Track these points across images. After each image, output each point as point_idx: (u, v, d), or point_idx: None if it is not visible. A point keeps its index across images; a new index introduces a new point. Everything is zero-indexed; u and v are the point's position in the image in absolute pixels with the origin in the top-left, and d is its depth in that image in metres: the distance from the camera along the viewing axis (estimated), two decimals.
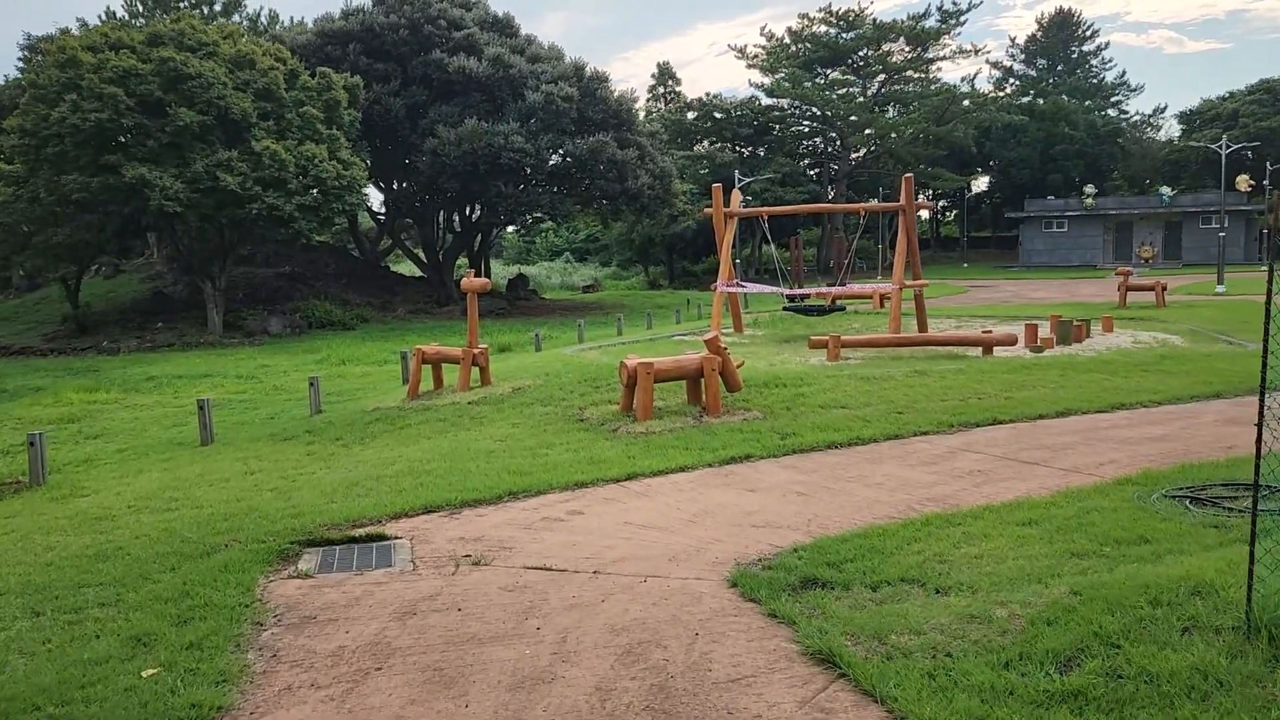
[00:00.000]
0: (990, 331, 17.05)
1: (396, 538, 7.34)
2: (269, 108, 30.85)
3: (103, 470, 12.38)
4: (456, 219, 45.84)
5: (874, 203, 44.67)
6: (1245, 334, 19.30)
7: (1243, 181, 55.39)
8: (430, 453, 10.62)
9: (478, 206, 43.22)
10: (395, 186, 41.50)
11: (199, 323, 33.32)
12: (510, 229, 70.21)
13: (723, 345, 11.89)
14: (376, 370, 22.14)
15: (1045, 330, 18.70)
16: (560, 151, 38.53)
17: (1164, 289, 26.89)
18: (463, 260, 45.41)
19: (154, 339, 31.51)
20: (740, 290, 22.70)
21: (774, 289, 23.22)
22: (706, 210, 22.93)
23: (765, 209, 22.96)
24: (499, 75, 37.66)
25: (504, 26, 41.99)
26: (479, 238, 47.72)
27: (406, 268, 55.57)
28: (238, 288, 37.74)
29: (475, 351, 14.50)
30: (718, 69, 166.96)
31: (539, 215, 45.54)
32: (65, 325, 32.88)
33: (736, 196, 22.96)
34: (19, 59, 48.07)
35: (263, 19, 45.66)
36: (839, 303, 22.96)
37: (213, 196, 29.15)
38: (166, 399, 19.07)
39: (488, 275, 53.91)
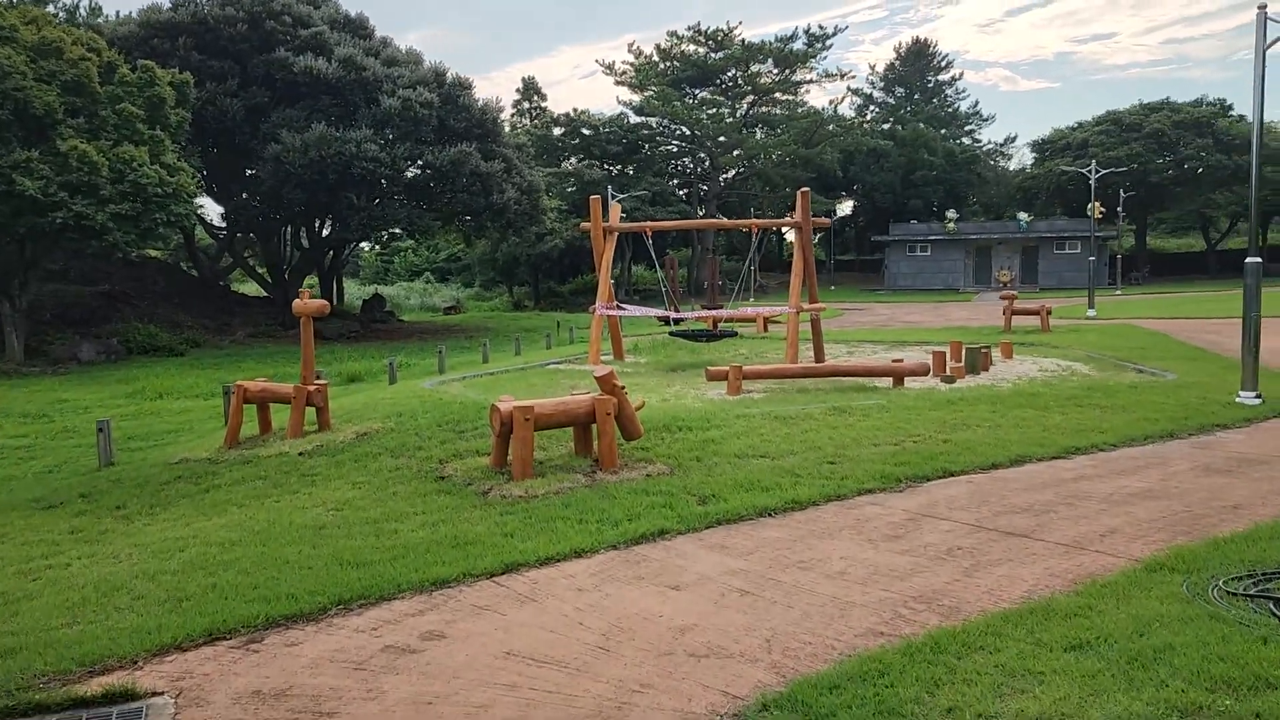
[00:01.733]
0: (901, 361, 15.42)
1: (154, 695, 4.79)
2: (79, 103, 27.02)
3: None
4: (304, 234, 42.24)
5: (767, 219, 43.47)
6: (1149, 360, 18.39)
7: (1095, 208, 57.14)
8: (238, 530, 8.00)
9: (328, 221, 39.83)
10: (235, 198, 37.70)
11: None
12: (367, 246, 66.38)
13: (619, 383, 9.67)
14: (199, 406, 18.96)
15: (946, 357, 17.25)
16: (419, 162, 35.67)
17: (1048, 312, 26.22)
18: (312, 279, 41.86)
19: None
20: (621, 314, 20.59)
21: (657, 312, 21.23)
22: (584, 225, 20.76)
23: (649, 224, 20.94)
24: (351, 78, 34.59)
25: (357, 27, 38.91)
26: (330, 255, 44.21)
27: (252, 288, 51.31)
28: (45, 308, 33.29)
29: (310, 389, 11.84)
30: (583, 92, 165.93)
31: (395, 231, 42.38)
32: None
33: (616, 210, 20.88)
34: None
35: (82, 9, 41.07)
36: (730, 327, 21.09)
37: (8, 203, 25.17)
38: None
39: (339, 295, 50.28)
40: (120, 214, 26.62)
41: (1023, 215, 61.78)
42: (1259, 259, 13.01)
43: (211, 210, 45.92)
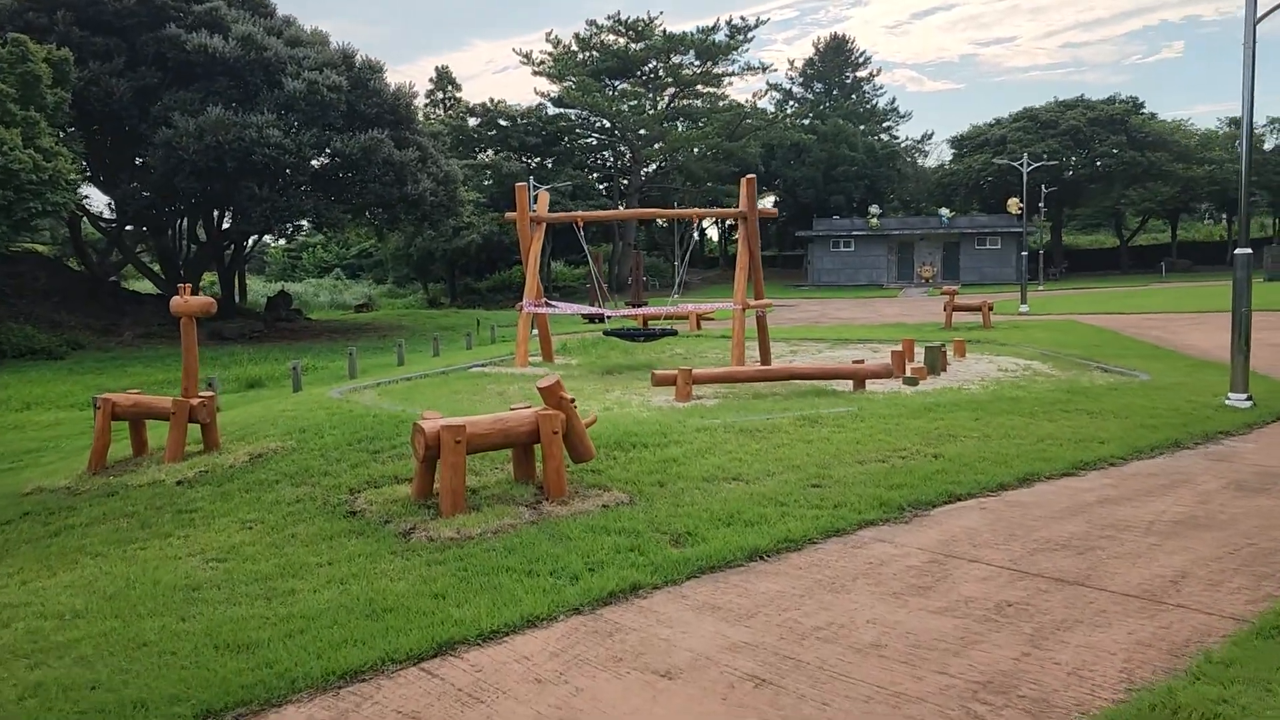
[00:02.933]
0: (862, 362, 14.15)
1: None
2: None
3: None
4: (201, 227, 39.46)
5: (709, 208, 42.08)
6: (1108, 358, 17.55)
7: (1014, 204, 57.41)
8: (87, 592, 6.22)
9: (227, 213, 37.17)
10: (123, 186, 34.81)
11: None
12: (272, 241, 63.28)
13: (566, 395, 8.10)
14: (72, 418, 16.75)
15: (904, 357, 16.08)
16: (327, 150, 33.34)
17: (990, 309, 25.44)
18: (211, 275, 39.12)
19: None
20: (550, 311, 18.97)
21: (590, 309, 19.66)
22: (509, 216, 19.10)
23: (581, 214, 19.35)
24: (251, 58, 32.09)
25: (257, 5, 36.29)
26: (230, 249, 41.45)
27: (147, 285, 48.02)
28: None
29: (194, 402, 9.97)
30: (497, 87, 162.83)
31: (302, 224, 39.88)
32: None
33: (544, 199, 19.24)
34: None
35: None
36: (668, 325, 19.65)
37: None
38: None
39: (242, 293, 47.45)
40: None
41: (944, 211, 61.87)
42: (1249, 250, 12.06)
43: (99, 200, 42.77)
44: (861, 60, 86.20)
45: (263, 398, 17.66)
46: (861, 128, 76.98)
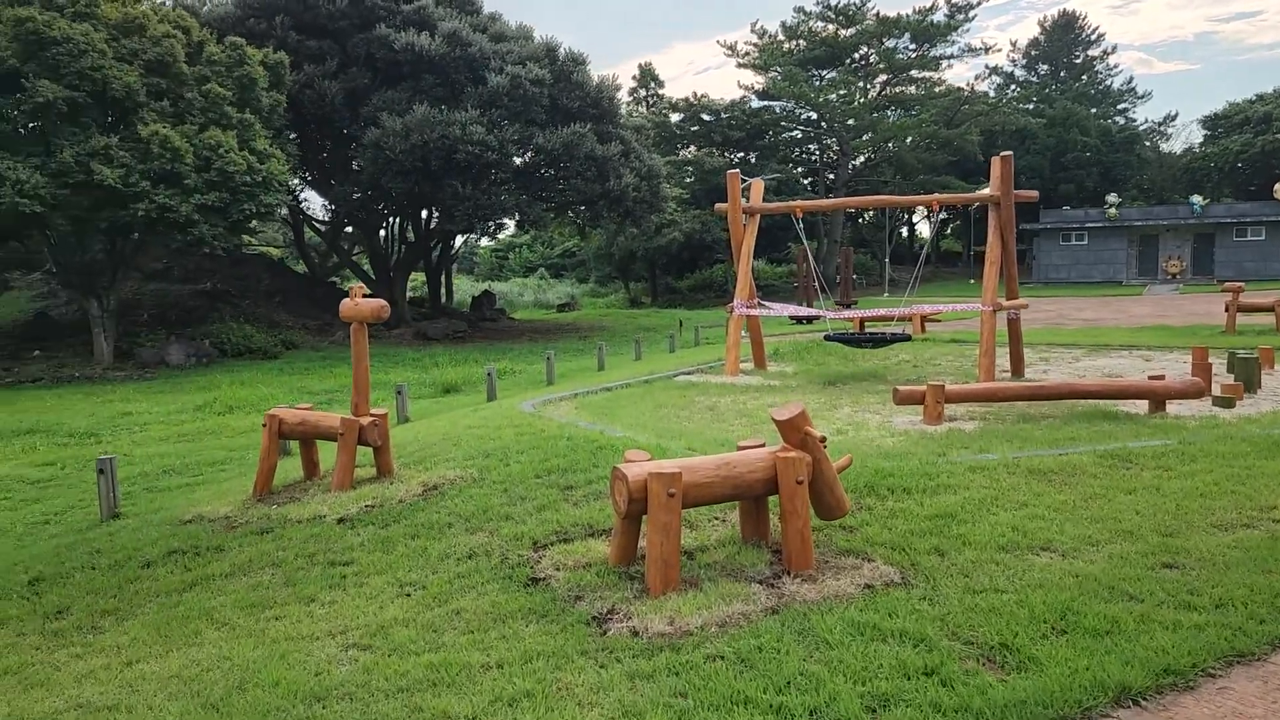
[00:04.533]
0: (1162, 378, 11.29)
1: None
2: (162, 84, 24.81)
3: None
4: (410, 227, 39.84)
5: (953, 193, 38.79)
6: None
7: None
8: (188, 696, 4.72)
9: (433, 212, 37.23)
10: (336, 188, 35.42)
11: (85, 351, 27.16)
12: (478, 240, 64.33)
13: (814, 431, 6.05)
14: None
15: (1190, 370, 12.98)
16: (530, 146, 32.57)
17: None
18: (418, 278, 39.41)
19: (22, 371, 25.31)
20: (765, 313, 16.92)
21: (809, 311, 17.53)
22: (720, 208, 17.17)
23: (800, 203, 17.20)
24: (455, 54, 31.72)
25: (463, 1, 36.07)
26: (437, 248, 41.73)
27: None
28: (143, 307, 31.59)
29: (364, 422, 8.59)
30: (698, 86, 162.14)
31: (504, 223, 39.57)
32: None
33: (758, 187, 17.19)
34: None
35: None
36: (901, 330, 17.18)
37: (88, 194, 23.06)
38: None
39: (448, 292, 47.97)
40: (206, 205, 24.31)
41: (1196, 198, 55.26)
42: None
43: (316, 203, 44.15)
44: (1094, 38, 79.09)
45: (456, 405, 16.52)
46: (1093, 110, 70.43)
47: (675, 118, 61.19)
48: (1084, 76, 77.40)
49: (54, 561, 7.51)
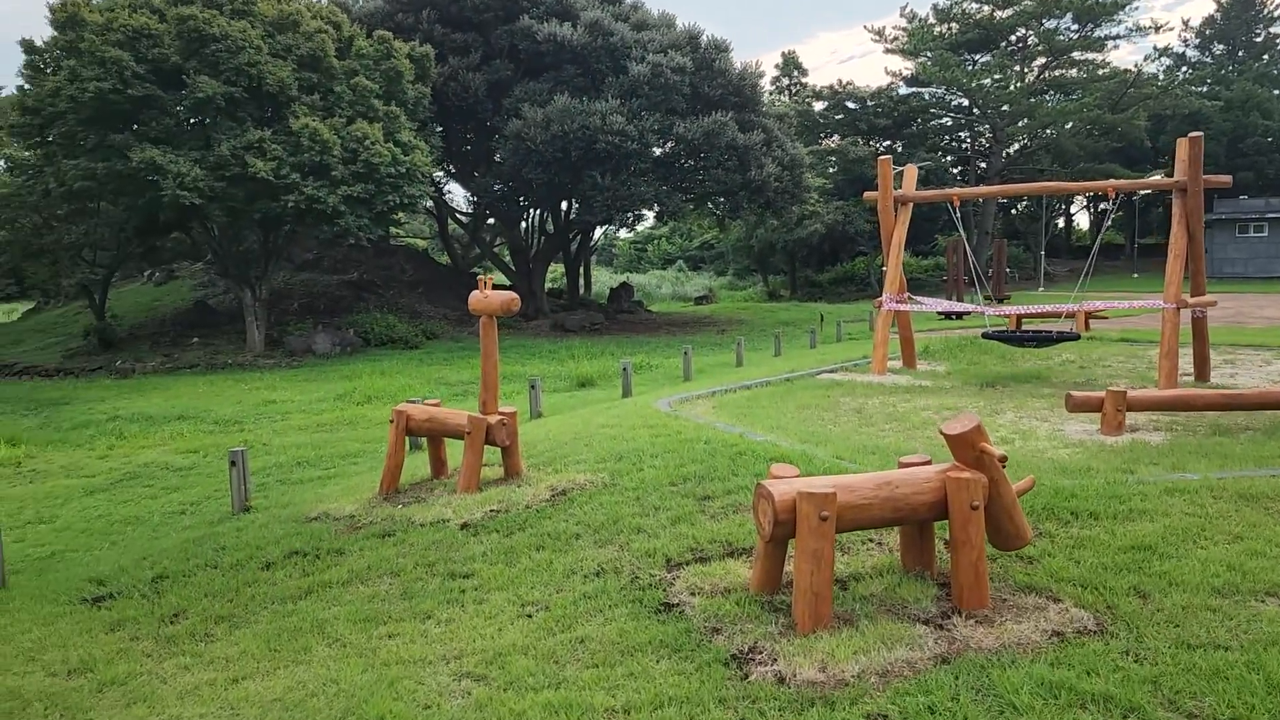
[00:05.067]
0: None
1: None
2: (313, 79, 25.37)
3: None
4: (550, 219, 39.94)
5: (1131, 179, 36.45)
6: None
7: None
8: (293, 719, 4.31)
9: (572, 203, 37.16)
10: (477, 179, 35.76)
11: (239, 339, 28.16)
12: (616, 231, 64.36)
13: (992, 449, 5.23)
14: None
15: None
16: (670, 135, 32.01)
17: None
18: (557, 270, 39.50)
19: (181, 358, 26.41)
20: (916, 308, 15.87)
21: (966, 306, 16.37)
22: (869, 196, 16.19)
23: (958, 190, 16.07)
24: (597, 44, 31.45)
25: None
26: (576, 240, 41.72)
27: (501, 278, 50.10)
28: (293, 297, 32.62)
29: (491, 421, 8.17)
30: (843, 75, 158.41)
31: (643, 214, 39.12)
32: (86, 341, 28.13)
33: (911, 174, 16.11)
34: None
35: None
36: (1069, 328, 15.80)
37: (242, 186, 23.78)
38: (85, 460, 13.37)
39: (587, 284, 48.00)
40: (352, 196, 24.75)
41: None
42: None
43: (459, 195, 44.84)
44: (1276, 14, 73.06)
45: (590, 400, 16.12)
46: (1276, 93, 65.04)
47: (818, 106, 59.61)
48: (1265, 56, 71.65)
49: (180, 558, 7.37)
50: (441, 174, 38.61)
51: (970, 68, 56.63)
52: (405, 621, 5.50)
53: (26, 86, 25.69)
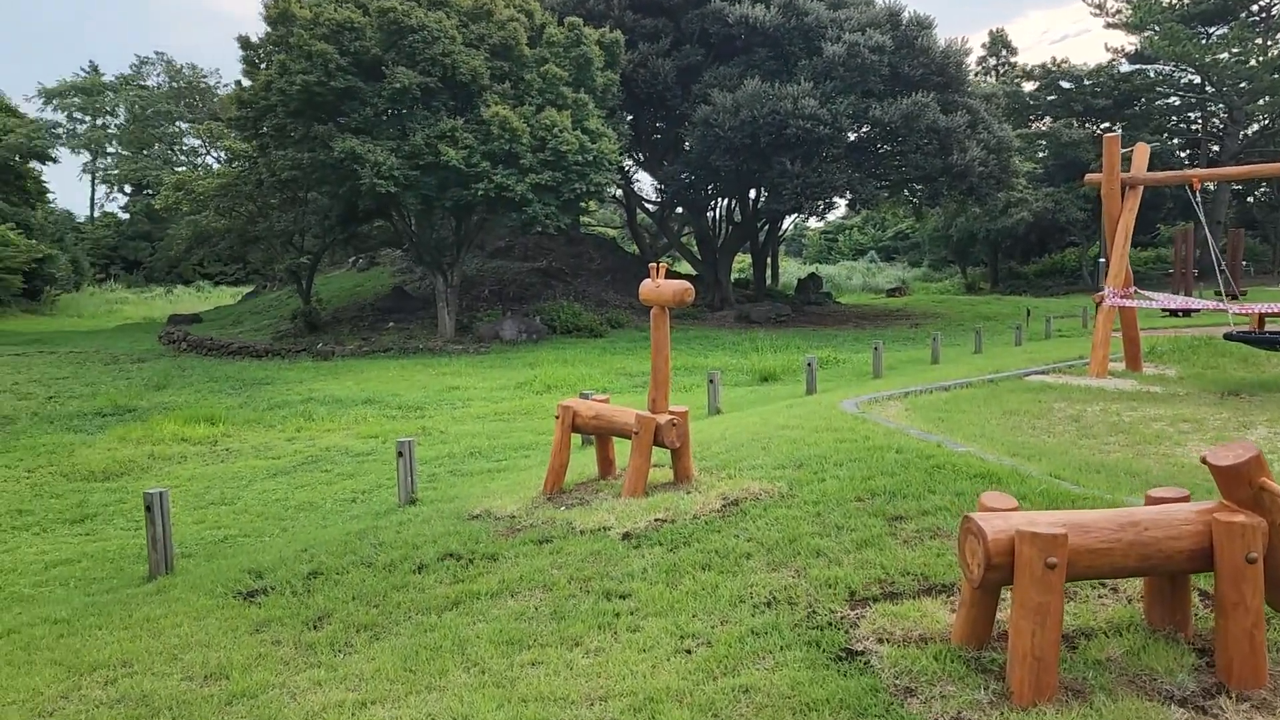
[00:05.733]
0: None
1: None
2: (505, 67, 25.57)
3: None
4: (736, 207, 39.10)
5: None
6: None
7: None
8: None
9: (760, 192, 36.18)
10: (665, 167, 35.41)
11: (432, 324, 28.90)
12: (805, 221, 62.78)
13: (1274, 486, 4.11)
14: None
15: None
16: (865, 119, 30.50)
17: None
18: (744, 260, 38.66)
19: (377, 342, 27.34)
20: (1144, 304, 14.14)
21: (1203, 303, 14.49)
22: (1092, 178, 14.57)
23: (1198, 172, 14.21)
24: (790, 25, 30.33)
25: None
26: (764, 229, 40.72)
27: (686, 268, 49.73)
28: (484, 284, 33.28)
29: (660, 421, 7.53)
30: (1054, 55, 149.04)
31: (833, 202, 37.63)
32: (294, 323, 29.61)
33: (1142, 153, 14.34)
34: None
35: None
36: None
37: (434, 174, 24.25)
38: (275, 441, 13.70)
39: (774, 275, 46.91)
40: (540, 184, 24.81)
41: None
42: None
43: (647, 184, 44.68)
44: None
45: (772, 396, 15.29)
46: None
47: (1028, 87, 55.94)
48: None
49: (337, 552, 7.11)
50: (630, 162, 38.50)
51: (1204, 41, 51.65)
52: (551, 647, 4.92)
53: (245, 82, 27.18)
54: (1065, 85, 53.91)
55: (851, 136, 32.43)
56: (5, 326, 38.62)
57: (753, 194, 37.79)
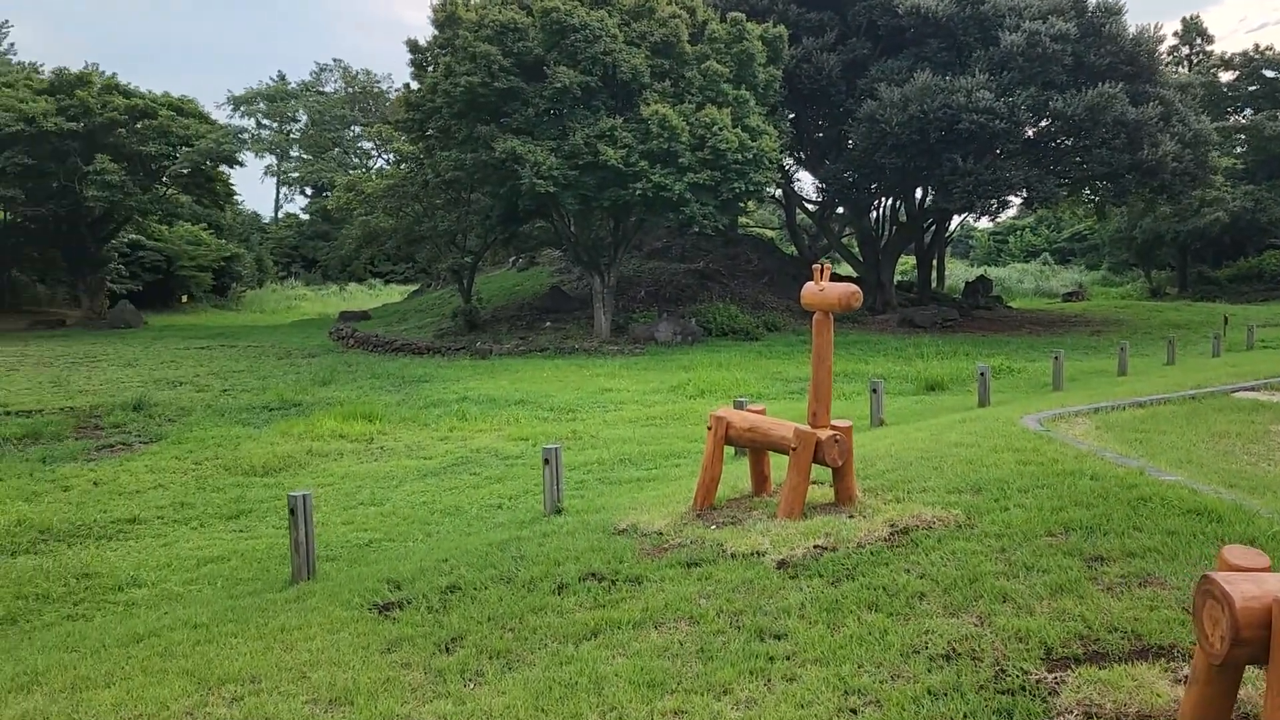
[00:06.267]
0: None
1: None
2: (665, 65, 25.26)
3: None
4: (900, 207, 37.60)
5: None
6: None
7: None
8: None
9: (928, 191, 34.63)
10: (827, 165, 34.34)
11: (588, 324, 28.92)
12: (975, 221, 60.10)
13: None
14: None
15: None
16: (1045, 112, 28.62)
17: None
18: (907, 262, 37.13)
19: (534, 341, 27.54)
20: None
21: None
22: None
23: None
24: (965, 14, 28.82)
25: None
26: (930, 229, 39.02)
27: (846, 269, 48.27)
28: (640, 284, 33.12)
29: (821, 437, 6.90)
30: (1259, 42, 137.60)
31: (1006, 200, 35.61)
32: (455, 322, 30.20)
33: None
34: None
35: None
36: None
37: (593, 174, 24.17)
38: (428, 441, 13.72)
39: (939, 276, 45.00)
40: (698, 183, 24.37)
41: None
42: None
43: (807, 183, 43.61)
44: None
45: (940, 407, 14.32)
46: None
47: (1226, 77, 51.78)
48: None
49: (478, 564, 6.82)
50: (791, 161, 37.60)
51: None
52: (696, 694, 4.41)
53: (413, 85, 27.86)
54: (1269, 74, 49.64)
55: (1029, 131, 30.58)
56: (195, 320, 41.22)
57: (919, 193, 36.25)
